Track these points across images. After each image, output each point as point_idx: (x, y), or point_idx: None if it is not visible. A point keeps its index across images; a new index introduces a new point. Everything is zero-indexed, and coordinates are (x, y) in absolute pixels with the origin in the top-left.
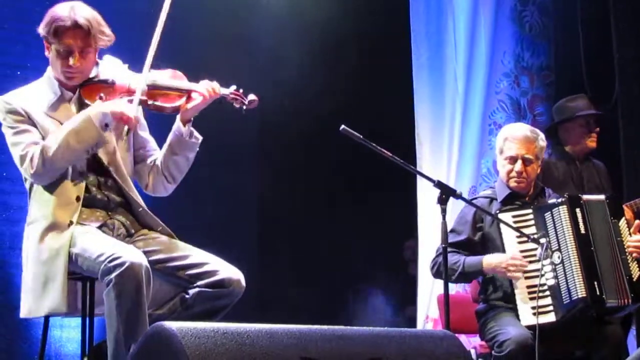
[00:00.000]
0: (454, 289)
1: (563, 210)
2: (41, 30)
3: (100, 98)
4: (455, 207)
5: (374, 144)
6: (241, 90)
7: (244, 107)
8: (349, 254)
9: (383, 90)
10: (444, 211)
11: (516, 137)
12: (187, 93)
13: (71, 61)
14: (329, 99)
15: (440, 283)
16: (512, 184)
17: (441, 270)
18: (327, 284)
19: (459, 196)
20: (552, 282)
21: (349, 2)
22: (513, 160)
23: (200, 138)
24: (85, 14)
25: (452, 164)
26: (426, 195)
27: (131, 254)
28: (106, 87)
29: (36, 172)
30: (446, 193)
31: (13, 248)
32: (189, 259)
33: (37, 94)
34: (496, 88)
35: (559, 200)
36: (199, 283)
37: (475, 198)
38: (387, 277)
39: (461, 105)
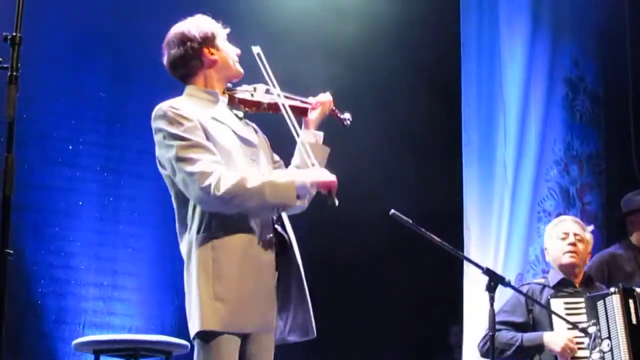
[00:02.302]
0: None
1: (616, 299)
2: (202, 33)
3: (252, 94)
4: (501, 294)
5: (422, 229)
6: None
7: (347, 122)
8: (394, 338)
9: (432, 173)
10: (492, 299)
11: (566, 219)
12: (309, 104)
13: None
14: (377, 180)
15: None
16: (566, 259)
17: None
18: None
19: (507, 284)
20: None
21: (402, 85)
22: (566, 235)
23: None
24: None
25: (500, 251)
26: (472, 281)
27: None
28: (248, 90)
29: (224, 195)
30: (495, 280)
31: (59, 322)
32: None
33: (195, 103)
34: (546, 176)
35: (612, 289)
36: None
37: (528, 283)
38: None
39: (510, 192)
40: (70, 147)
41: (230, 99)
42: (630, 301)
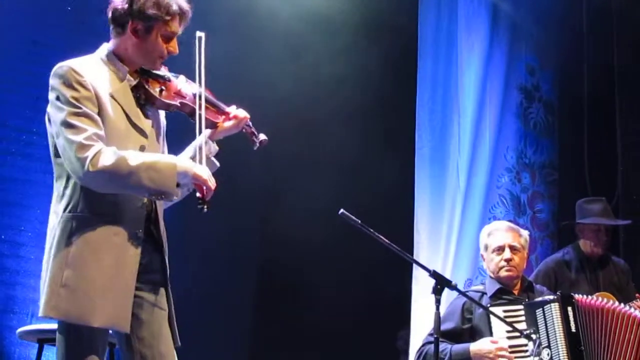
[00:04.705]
0: None
1: (555, 307)
2: (149, 9)
3: (161, 91)
4: (450, 298)
5: (371, 230)
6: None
7: (257, 145)
8: (341, 344)
9: (384, 176)
10: (438, 301)
11: (500, 228)
12: (226, 114)
13: (173, 48)
14: (328, 185)
15: None
16: (503, 273)
17: None
18: None
19: (453, 287)
20: None
21: (355, 88)
22: (501, 249)
23: (218, 164)
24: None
25: (450, 255)
26: (421, 284)
27: None
28: (162, 82)
29: (99, 171)
30: (441, 283)
31: (7, 311)
32: None
33: (100, 71)
34: (497, 182)
35: (551, 297)
36: None
37: (467, 291)
38: None
39: (461, 198)
40: (24, 137)
41: (138, 85)
42: (569, 309)
